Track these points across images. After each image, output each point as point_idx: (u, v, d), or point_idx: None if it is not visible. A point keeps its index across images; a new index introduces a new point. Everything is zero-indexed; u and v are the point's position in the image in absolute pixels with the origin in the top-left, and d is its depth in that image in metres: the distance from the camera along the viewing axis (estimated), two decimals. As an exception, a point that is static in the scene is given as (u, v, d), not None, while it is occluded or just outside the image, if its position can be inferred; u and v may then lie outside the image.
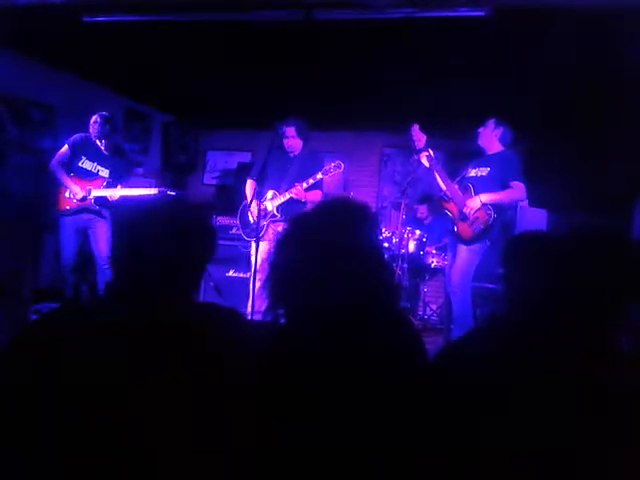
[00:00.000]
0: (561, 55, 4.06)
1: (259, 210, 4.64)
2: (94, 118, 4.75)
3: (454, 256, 4.36)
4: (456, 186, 4.36)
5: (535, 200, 5.60)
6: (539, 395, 1.15)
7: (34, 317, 4.05)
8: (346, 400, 1.22)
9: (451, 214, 4.34)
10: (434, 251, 5.59)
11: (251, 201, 4.68)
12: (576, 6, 3.23)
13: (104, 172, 4.80)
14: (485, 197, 4.15)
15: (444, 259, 5.26)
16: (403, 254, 5.31)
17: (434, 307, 6.11)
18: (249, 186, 4.86)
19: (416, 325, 5.40)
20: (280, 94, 5.50)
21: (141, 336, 1.17)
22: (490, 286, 4.75)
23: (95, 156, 4.78)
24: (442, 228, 5.20)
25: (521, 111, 5.45)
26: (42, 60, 5.17)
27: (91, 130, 4.75)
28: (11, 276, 4.40)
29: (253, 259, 4.76)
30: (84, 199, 4.66)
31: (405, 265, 5.30)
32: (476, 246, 4.17)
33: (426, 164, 4.39)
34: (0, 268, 4.43)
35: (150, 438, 1.10)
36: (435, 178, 4.42)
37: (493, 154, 4.35)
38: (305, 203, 4.70)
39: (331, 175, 4.57)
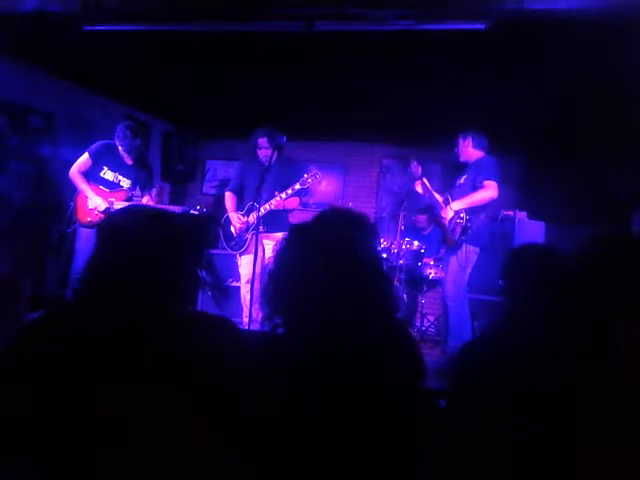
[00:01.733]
0: (562, 68, 4.08)
1: (242, 223, 4.66)
2: (120, 130, 4.57)
3: (446, 268, 4.56)
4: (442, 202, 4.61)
5: (533, 212, 5.62)
6: (539, 407, 1.15)
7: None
8: (343, 410, 1.21)
9: (441, 229, 4.62)
10: (432, 262, 5.59)
11: (232, 214, 4.77)
12: (577, 19, 3.24)
13: (125, 182, 4.64)
14: (456, 204, 4.39)
15: (442, 270, 5.28)
16: (401, 265, 5.31)
17: (431, 318, 6.10)
18: (228, 199, 4.90)
19: (414, 336, 5.38)
20: (280, 104, 5.51)
21: (122, 344, 1.16)
22: (488, 298, 4.77)
23: (117, 166, 4.61)
24: (440, 239, 5.28)
25: (521, 123, 5.47)
26: (42, 68, 5.17)
27: (118, 142, 4.57)
28: (7, 283, 4.38)
29: (242, 271, 4.78)
30: (107, 212, 4.45)
31: (403, 276, 5.30)
32: (460, 254, 4.32)
33: (420, 191, 4.79)
34: (-3, 275, 4.41)
35: (128, 444, 1.10)
36: (430, 199, 4.77)
37: (472, 162, 4.54)
38: (286, 212, 4.71)
39: (309, 185, 4.55)
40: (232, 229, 4.77)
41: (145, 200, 4.68)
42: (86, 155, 4.54)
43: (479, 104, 4.72)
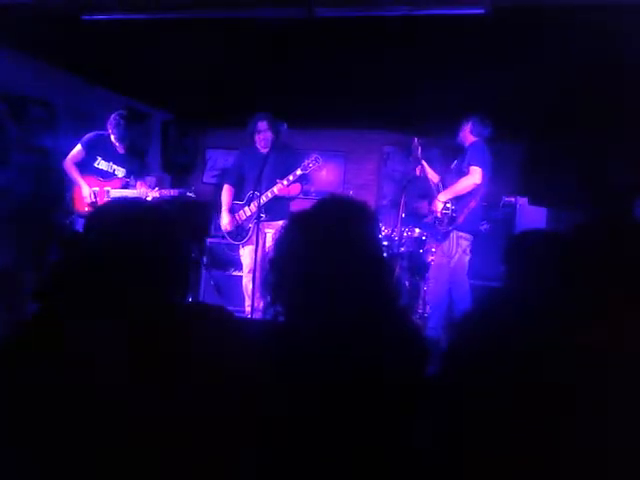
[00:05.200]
0: (561, 52, 4.06)
1: (243, 213, 4.65)
2: (112, 118, 4.59)
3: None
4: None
5: (535, 197, 5.61)
6: (538, 395, 1.14)
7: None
8: (344, 397, 1.21)
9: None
10: (434, 249, 5.58)
11: (225, 212, 4.74)
12: (575, 2, 3.22)
13: (120, 172, 4.66)
14: (443, 196, 4.50)
15: None
16: (402, 252, 5.30)
17: (434, 305, 6.09)
18: (226, 192, 4.84)
19: (416, 323, 5.39)
20: (280, 92, 5.49)
21: (116, 338, 1.15)
22: (487, 284, 4.77)
23: (110, 156, 4.63)
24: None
25: (522, 108, 5.45)
26: (42, 58, 5.16)
27: (110, 130, 4.59)
28: (11, 275, 4.39)
29: (244, 261, 4.76)
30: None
31: (405, 263, 5.30)
32: (448, 242, 4.48)
33: (418, 174, 4.89)
34: (1, 266, 4.41)
35: (121, 444, 1.10)
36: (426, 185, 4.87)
37: (466, 147, 4.59)
38: (288, 199, 4.69)
39: (310, 170, 4.54)
40: (234, 219, 4.75)
41: (139, 187, 4.68)
42: (79, 146, 4.57)
43: (480, 89, 4.70)
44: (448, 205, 4.43)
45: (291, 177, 4.48)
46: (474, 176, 4.33)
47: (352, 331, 1.27)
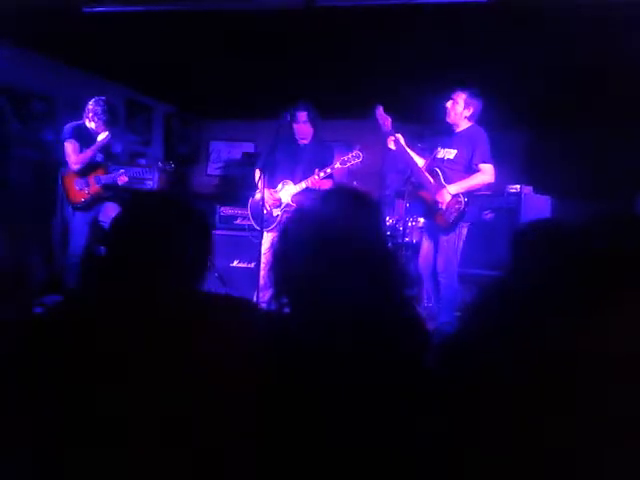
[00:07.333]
0: (565, 41, 4.04)
1: (274, 200, 4.57)
2: (93, 105, 4.61)
3: (436, 243, 4.31)
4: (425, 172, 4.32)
5: (540, 187, 5.59)
6: (542, 388, 1.13)
7: (38, 310, 4.04)
8: (347, 388, 1.21)
9: (425, 202, 4.32)
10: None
11: (263, 191, 4.56)
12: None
13: (99, 157, 4.70)
14: (454, 188, 4.11)
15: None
16: (407, 242, 5.30)
17: (439, 295, 6.09)
18: (258, 175, 4.70)
19: (420, 313, 5.38)
20: (283, 83, 5.47)
21: (140, 330, 1.17)
22: (475, 272, 4.71)
23: (91, 143, 4.63)
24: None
25: (525, 99, 5.42)
26: (43, 51, 5.15)
27: (91, 116, 4.61)
28: (15, 269, 4.40)
29: (264, 249, 4.68)
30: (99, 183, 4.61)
31: (409, 253, 5.29)
32: (455, 234, 4.13)
33: (392, 147, 4.44)
34: (4, 262, 4.43)
35: (144, 433, 1.10)
36: (406, 161, 4.42)
37: (460, 132, 4.25)
38: (315, 191, 4.63)
39: (350, 165, 4.45)
40: (263, 206, 4.56)
41: (122, 172, 4.75)
42: (70, 142, 4.56)
43: (484, 78, 4.67)
44: (460, 199, 4.06)
45: (328, 170, 4.38)
46: (488, 174, 4.05)
47: (357, 322, 1.27)
